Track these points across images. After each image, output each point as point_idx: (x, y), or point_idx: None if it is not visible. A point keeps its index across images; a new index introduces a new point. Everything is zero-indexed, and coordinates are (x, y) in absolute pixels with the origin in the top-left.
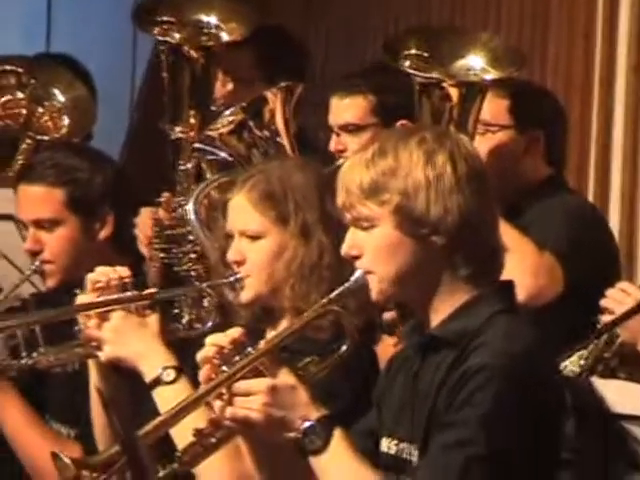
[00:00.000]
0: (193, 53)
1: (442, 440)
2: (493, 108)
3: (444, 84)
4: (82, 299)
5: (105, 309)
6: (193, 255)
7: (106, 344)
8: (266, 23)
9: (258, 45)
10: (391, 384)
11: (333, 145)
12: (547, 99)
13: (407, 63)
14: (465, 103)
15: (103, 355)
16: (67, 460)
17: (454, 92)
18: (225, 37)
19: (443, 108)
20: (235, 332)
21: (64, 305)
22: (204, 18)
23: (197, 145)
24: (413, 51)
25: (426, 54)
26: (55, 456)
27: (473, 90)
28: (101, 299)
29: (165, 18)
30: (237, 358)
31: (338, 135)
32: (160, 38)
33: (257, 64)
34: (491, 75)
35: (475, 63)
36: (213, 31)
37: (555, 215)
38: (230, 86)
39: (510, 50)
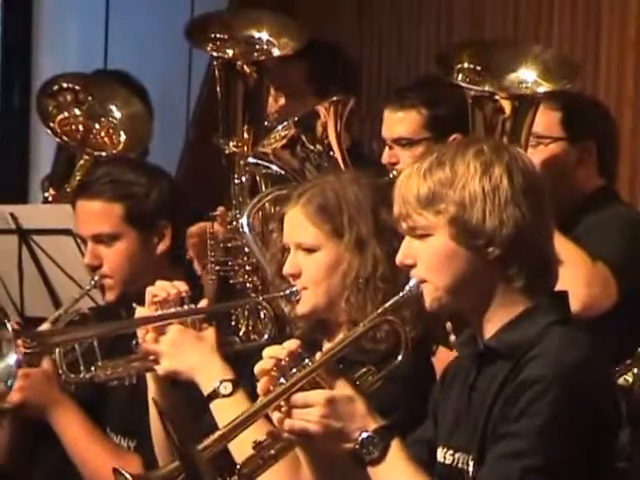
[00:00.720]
0: (246, 68)
1: (499, 451)
2: (545, 120)
3: (497, 97)
4: (140, 313)
5: (163, 323)
6: (248, 267)
7: (164, 358)
8: (317, 38)
9: (309, 59)
10: (447, 394)
11: (386, 157)
12: (598, 111)
13: (460, 76)
14: (518, 116)
15: (161, 369)
16: (128, 476)
17: (507, 105)
18: (277, 52)
19: (496, 121)
20: (292, 344)
21: (122, 319)
22: (256, 34)
23: (251, 160)
24: (466, 64)
25: (479, 67)
26: (116, 472)
27: (526, 103)
28: (159, 313)
29: (218, 35)
30: (294, 370)
31: (391, 148)
32: (214, 54)
33: (308, 78)
34: (544, 88)
35: (527, 76)
36: (265, 46)
37: (608, 226)
38: (282, 100)
39: (562, 62)
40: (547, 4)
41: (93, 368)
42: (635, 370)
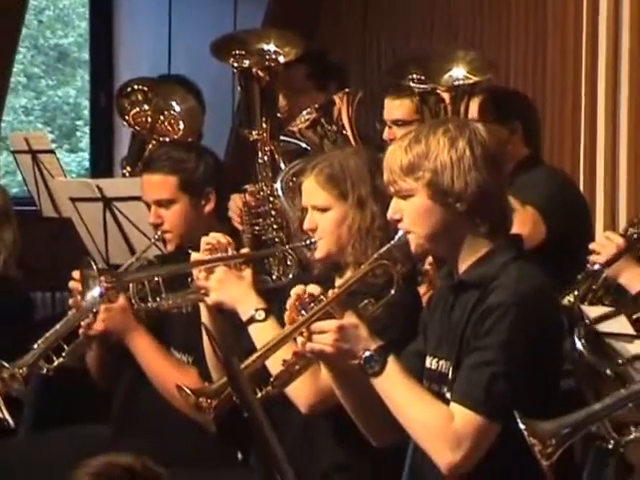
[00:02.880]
0: (260, 73)
1: (471, 361)
2: (478, 107)
3: (438, 91)
4: (195, 257)
5: (212, 265)
6: (275, 226)
7: (212, 291)
8: (312, 47)
9: (307, 62)
10: (432, 315)
11: (386, 135)
12: (518, 98)
13: (409, 82)
14: (455, 104)
15: (209, 300)
16: (188, 390)
17: (446, 96)
18: (282, 59)
19: (438, 109)
20: (312, 288)
21: (181, 262)
22: (265, 46)
23: (282, 137)
24: (414, 76)
25: (423, 77)
26: (179, 387)
27: (460, 92)
28: (209, 257)
29: (237, 50)
30: (312, 305)
31: (390, 127)
32: (235, 65)
33: (308, 76)
34: (472, 80)
35: (458, 73)
36: (273, 56)
37: (535, 181)
38: (289, 96)
39: (483, 60)
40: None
41: (158, 299)
42: (575, 292)
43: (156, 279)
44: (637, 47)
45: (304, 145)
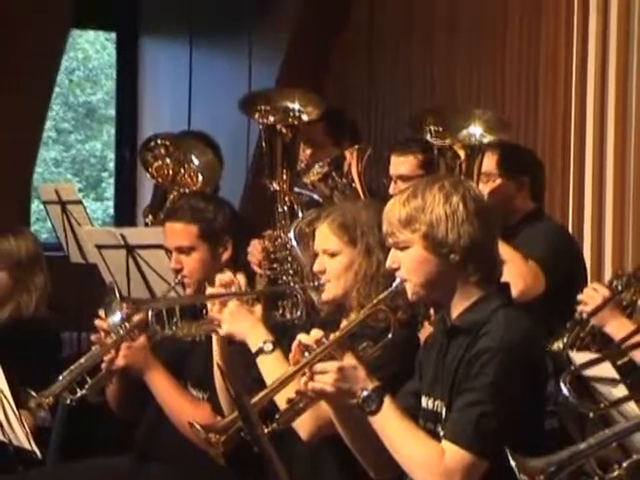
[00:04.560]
0: (283, 129)
1: (461, 401)
2: (490, 163)
3: (454, 147)
4: (210, 291)
5: (225, 298)
6: (291, 271)
7: (224, 323)
8: (331, 106)
9: (326, 121)
10: (428, 357)
11: (392, 189)
12: (527, 155)
13: (428, 135)
14: (470, 159)
15: (221, 331)
16: (198, 426)
17: (462, 152)
18: (305, 117)
19: (454, 165)
20: (314, 333)
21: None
22: (289, 105)
23: (297, 189)
24: (432, 126)
25: (440, 127)
26: (190, 423)
27: (475, 150)
28: (223, 291)
29: (263, 106)
30: (316, 347)
31: (395, 182)
32: (260, 120)
33: (326, 134)
34: (487, 139)
35: (475, 131)
36: (296, 114)
37: (538, 236)
38: (309, 151)
39: (499, 120)
40: (500, 86)
41: (174, 327)
42: (564, 339)
43: (173, 307)
44: (622, 106)
45: (316, 197)
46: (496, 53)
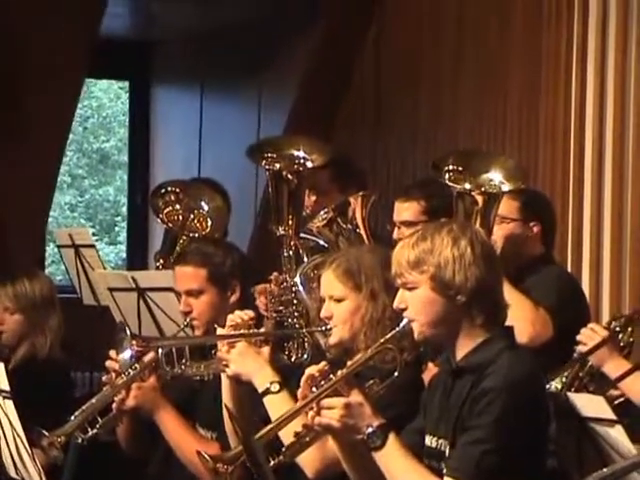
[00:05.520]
0: (289, 176)
1: (465, 439)
2: (507, 207)
3: (473, 193)
4: (220, 331)
5: (234, 340)
6: (297, 314)
7: (232, 363)
8: (336, 154)
9: (332, 168)
10: (433, 397)
11: (396, 235)
12: (543, 201)
13: (447, 176)
14: (487, 206)
15: (229, 371)
16: (207, 456)
17: (480, 198)
18: (310, 164)
19: (471, 210)
20: (323, 366)
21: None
22: (295, 152)
23: (302, 235)
24: (451, 167)
25: (460, 169)
26: (199, 453)
27: (493, 196)
28: (232, 332)
29: (269, 154)
30: (323, 383)
31: (399, 228)
32: (267, 167)
33: (332, 181)
34: (506, 187)
35: (495, 177)
36: (302, 161)
37: (547, 282)
38: (314, 197)
39: (518, 169)
40: (501, 139)
41: (183, 367)
42: (563, 379)
43: (183, 347)
44: (618, 159)
45: (321, 242)
46: (498, 107)
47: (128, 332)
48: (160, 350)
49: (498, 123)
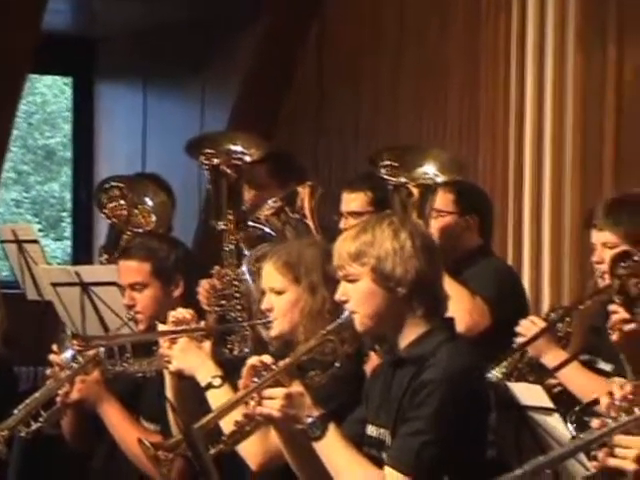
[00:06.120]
0: (227, 171)
1: (405, 430)
2: (443, 200)
3: (409, 186)
4: (161, 328)
5: (176, 335)
6: (239, 307)
7: (174, 359)
8: (275, 148)
9: (271, 163)
10: (374, 387)
11: (343, 226)
12: (479, 193)
13: (384, 170)
14: (423, 198)
15: (172, 367)
16: (148, 443)
17: (415, 191)
18: (248, 159)
19: (407, 202)
20: (265, 358)
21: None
22: (233, 147)
23: (250, 223)
24: (387, 162)
25: (396, 164)
26: (140, 440)
27: (428, 189)
28: (174, 328)
29: (207, 149)
30: (265, 373)
31: (347, 218)
32: (205, 162)
33: (271, 175)
34: (440, 179)
35: (429, 170)
36: (240, 156)
37: (485, 273)
38: (253, 192)
39: (453, 161)
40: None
41: (125, 364)
42: (503, 369)
43: (125, 344)
44: (557, 145)
45: (269, 231)
46: (438, 103)
47: (69, 332)
48: (102, 349)
49: (439, 119)
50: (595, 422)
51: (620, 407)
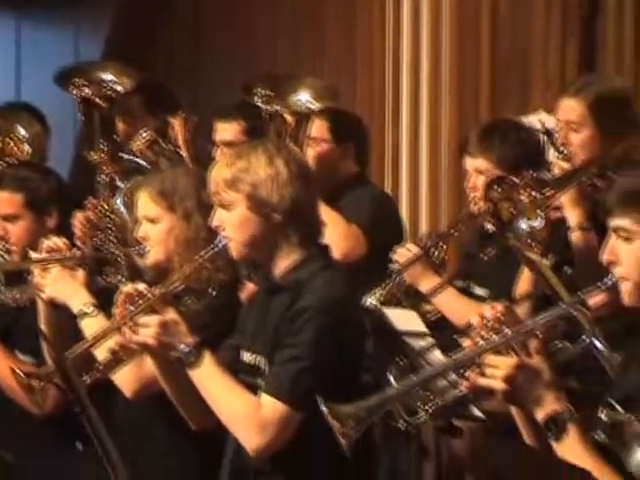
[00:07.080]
0: (99, 101)
1: (281, 357)
2: (318, 128)
3: (283, 114)
4: (35, 256)
5: (49, 265)
6: (114, 239)
7: (46, 288)
8: (147, 78)
9: (143, 93)
10: (249, 314)
11: (216, 155)
12: (354, 121)
13: (256, 99)
14: (298, 126)
15: (44, 296)
16: (20, 373)
17: (290, 119)
18: (119, 88)
19: (283, 131)
20: (139, 285)
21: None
22: (103, 76)
23: (123, 155)
24: (262, 90)
25: (270, 92)
26: (12, 370)
27: (303, 116)
28: (47, 256)
29: (77, 80)
30: (139, 301)
31: (220, 148)
32: (75, 93)
33: (144, 105)
34: (314, 106)
35: (303, 97)
36: (111, 85)
37: (361, 199)
38: (125, 123)
39: (327, 88)
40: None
41: None
42: (379, 295)
43: None
44: (434, 74)
45: (142, 162)
46: (315, 38)
47: None
48: None
49: (316, 53)
50: (466, 342)
51: (491, 328)
